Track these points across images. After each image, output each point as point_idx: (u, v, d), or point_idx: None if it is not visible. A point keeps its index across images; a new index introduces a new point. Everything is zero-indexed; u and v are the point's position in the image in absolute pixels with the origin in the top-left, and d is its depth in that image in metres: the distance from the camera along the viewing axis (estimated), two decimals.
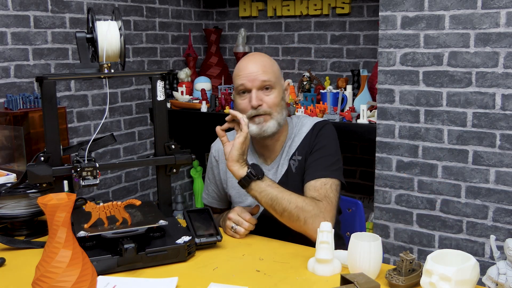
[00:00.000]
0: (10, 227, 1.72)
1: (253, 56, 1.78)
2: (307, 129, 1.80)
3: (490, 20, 2.26)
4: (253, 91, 1.70)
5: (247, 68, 1.72)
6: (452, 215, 2.47)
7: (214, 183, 1.93)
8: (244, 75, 1.71)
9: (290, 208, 1.56)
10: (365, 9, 3.18)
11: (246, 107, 1.71)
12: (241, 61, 1.77)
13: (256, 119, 1.71)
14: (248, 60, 1.76)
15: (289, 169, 1.78)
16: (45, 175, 1.47)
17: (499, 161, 2.32)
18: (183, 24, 3.67)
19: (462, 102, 2.37)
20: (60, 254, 1.08)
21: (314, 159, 1.74)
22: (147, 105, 3.45)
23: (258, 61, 1.74)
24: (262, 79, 1.70)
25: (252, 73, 1.70)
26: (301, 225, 1.58)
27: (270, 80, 1.71)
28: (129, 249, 1.37)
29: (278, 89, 1.74)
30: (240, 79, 1.72)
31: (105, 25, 1.50)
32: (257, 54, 1.81)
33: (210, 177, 1.94)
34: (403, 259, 1.26)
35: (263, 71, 1.71)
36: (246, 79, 1.70)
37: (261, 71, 1.70)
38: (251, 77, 1.70)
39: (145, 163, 1.63)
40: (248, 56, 1.80)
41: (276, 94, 1.73)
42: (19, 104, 2.44)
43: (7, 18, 2.64)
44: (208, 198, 1.97)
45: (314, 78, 3.25)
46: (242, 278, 1.35)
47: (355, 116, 2.74)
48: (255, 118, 1.71)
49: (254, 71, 1.70)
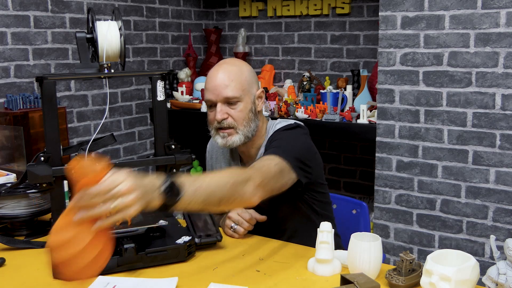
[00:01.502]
0: (10, 227, 1.71)
1: (221, 67, 1.71)
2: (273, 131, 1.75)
3: (490, 20, 2.26)
4: (218, 105, 1.67)
5: (213, 80, 1.68)
6: (452, 215, 2.47)
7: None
8: (209, 89, 1.68)
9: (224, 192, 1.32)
10: (365, 9, 3.18)
11: (212, 120, 1.70)
12: (209, 73, 1.72)
13: (220, 132, 1.69)
14: (215, 71, 1.70)
15: None
16: (45, 175, 1.47)
17: (499, 161, 2.32)
18: (183, 24, 3.67)
19: (462, 102, 2.37)
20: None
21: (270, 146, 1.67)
22: (147, 105, 3.45)
23: (225, 72, 1.68)
24: (225, 95, 1.65)
25: (217, 87, 1.66)
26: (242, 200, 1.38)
27: (234, 96, 1.66)
28: (129, 249, 1.37)
29: (245, 101, 1.69)
30: (207, 92, 1.69)
31: (105, 25, 1.50)
32: (226, 63, 1.73)
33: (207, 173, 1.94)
34: (403, 259, 1.26)
35: (226, 85, 1.66)
36: (211, 93, 1.67)
37: (225, 84, 1.66)
38: (215, 91, 1.66)
39: (145, 163, 1.63)
40: (216, 66, 1.73)
41: (242, 107, 1.68)
42: (19, 104, 2.44)
43: (7, 18, 2.64)
44: None
45: (314, 78, 3.25)
46: (242, 278, 1.35)
47: (355, 116, 2.74)
48: (220, 131, 1.69)
49: (219, 84, 1.66)
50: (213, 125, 1.69)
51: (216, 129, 1.69)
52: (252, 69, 1.76)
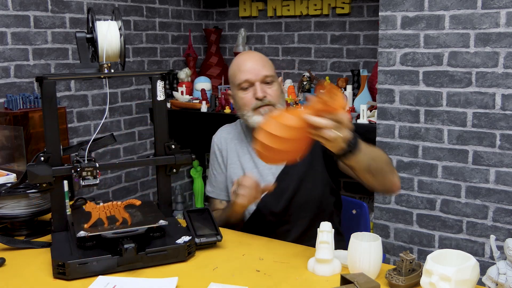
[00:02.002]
0: (10, 227, 1.72)
1: (249, 54, 1.84)
2: None
3: (490, 20, 2.26)
4: (256, 84, 1.75)
5: (247, 63, 1.78)
6: (452, 215, 2.47)
7: (222, 173, 1.92)
8: (246, 70, 1.76)
9: (384, 166, 1.50)
10: (365, 9, 3.18)
11: (250, 101, 1.76)
12: (238, 59, 1.83)
13: (261, 109, 1.75)
14: (246, 57, 1.82)
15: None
16: (45, 175, 1.47)
17: (499, 161, 2.32)
18: (183, 24, 3.67)
19: (462, 102, 2.37)
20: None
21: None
22: (147, 105, 3.45)
23: (256, 57, 1.80)
24: (264, 73, 1.75)
25: (254, 68, 1.76)
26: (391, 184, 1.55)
27: (271, 75, 1.77)
28: (129, 249, 1.37)
29: (277, 81, 1.81)
30: (243, 74, 1.77)
31: (105, 25, 1.50)
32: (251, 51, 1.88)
33: (217, 168, 1.93)
34: (403, 259, 1.26)
35: (262, 65, 1.77)
36: (249, 74, 1.75)
37: (261, 66, 1.77)
38: (254, 71, 1.75)
39: (145, 163, 1.63)
40: (244, 54, 1.86)
41: (276, 87, 1.78)
42: (19, 104, 2.44)
43: (7, 18, 2.64)
44: (216, 190, 1.93)
45: (314, 78, 3.25)
46: (242, 278, 1.35)
47: (355, 116, 2.74)
48: (260, 109, 1.75)
49: (255, 66, 1.76)
50: (250, 106, 1.76)
51: (255, 108, 1.75)
52: None
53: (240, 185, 1.64)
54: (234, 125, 1.96)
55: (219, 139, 1.95)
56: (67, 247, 1.43)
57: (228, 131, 1.94)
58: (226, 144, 1.91)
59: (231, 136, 1.92)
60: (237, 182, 1.65)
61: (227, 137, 1.92)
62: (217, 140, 1.95)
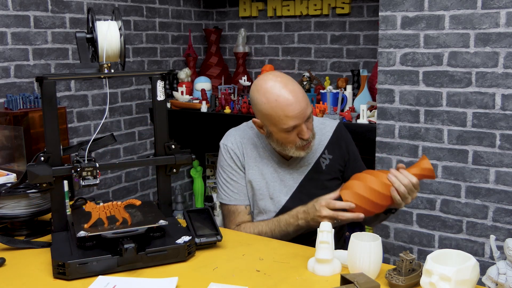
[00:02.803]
0: (10, 227, 1.72)
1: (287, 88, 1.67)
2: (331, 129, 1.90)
3: (490, 20, 2.26)
4: (303, 126, 1.69)
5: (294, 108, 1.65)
6: (452, 215, 2.47)
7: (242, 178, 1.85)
8: (294, 117, 1.66)
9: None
10: (365, 9, 3.18)
11: (294, 140, 1.71)
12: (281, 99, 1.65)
13: (306, 148, 1.75)
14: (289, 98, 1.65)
15: (318, 166, 1.85)
16: (45, 175, 1.47)
17: (499, 161, 2.32)
18: (183, 24, 3.67)
19: (462, 102, 2.37)
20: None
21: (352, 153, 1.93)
22: (147, 105, 3.45)
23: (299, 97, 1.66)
24: (307, 115, 1.69)
25: (301, 112, 1.66)
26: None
27: (311, 113, 1.72)
28: (129, 249, 1.37)
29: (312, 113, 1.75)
30: (291, 120, 1.66)
31: (105, 25, 1.50)
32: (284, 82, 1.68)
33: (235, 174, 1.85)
34: (403, 259, 1.26)
35: (306, 104, 1.68)
36: (298, 120, 1.66)
37: (305, 105, 1.67)
38: (301, 116, 1.66)
39: (145, 163, 1.63)
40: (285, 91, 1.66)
41: (311, 118, 1.74)
42: (19, 104, 2.44)
43: (7, 18, 2.64)
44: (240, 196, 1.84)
45: (314, 78, 3.25)
46: (242, 278, 1.35)
47: (355, 116, 2.74)
48: (305, 147, 1.74)
49: (301, 109, 1.66)
50: (295, 144, 1.72)
51: (300, 147, 1.73)
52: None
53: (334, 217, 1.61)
54: (243, 129, 1.89)
55: (233, 143, 1.85)
56: (67, 247, 1.44)
57: (241, 136, 1.87)
58: (242, 148, 1.85)
59: (245, 140, 1.85)
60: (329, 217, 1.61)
61: (241, 141, 1.85)
62: (231, 145, 1.85)
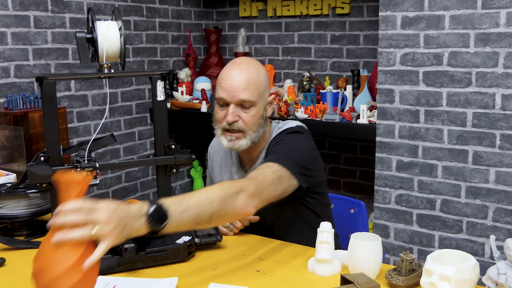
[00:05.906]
0: (10, 227, 1.71)
1: (239, 67, 1.64)
2: (276, 132, 1.72)
3: (490, 20, 2.26)
4: (231, 106, 1.61)
5: (230, 80, 1.61)
6: (452, 215, 2.47)
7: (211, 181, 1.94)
8: (225, 88, 1.61)
9: (214, 208, 1.30)
10: (365, 9, 3.18)
11: (221, 119, 1.64)
12: (227, 68, 1.65)
13: (227, 134, 1.64)
14: (233, 70, 1.63)
15: None
16: (45, 175, 1.47)
17: (499, 161, 2.32)
18: (183, 24, 3.67)
19: (462, 102, 2.37)
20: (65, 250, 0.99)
21: (270, 152, 1.65)
22: (147, 105, 3.45)
23: (243, 73, 1.61)
24: (241, 97, 1.60)
25: (233, 88, 1.60)
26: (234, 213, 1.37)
27: (250, 100, 1.61)
28: (129, 249, 1.37)
29: (258, 106, 1.64)
30: (221, 91, 1.62)
31: (105, 25, 1.50)
32: (244, 63, 1.65)
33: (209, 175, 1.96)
34: (403, 259, 1.26)
35: (245, 87, 1.60)
36: (226, 93, 1.61)
37: (243, 86, 1.60)
38: (231, 92, 1.60)
39: (145, 163, 1.62)
40: (234, 64, 1.66)
41: (254, 112, 1.63)
42: (19, 104, 2.44)
43: (7, 18, 2.64)
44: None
45: (314, 78, 3.25)
46: (242, 278, 1.35)
47: (355, 116, 2.74)
48: (227, 133, 1.64)
49: (236, 85, 1.60)
50: (221, 125, 1.64)
51: (224, 129, 1.65)
52: (267, 73, 1.72)
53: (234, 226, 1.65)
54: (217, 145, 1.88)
55: (211, 148, 1.93)
56: None
57: (216, 142, 1.85)
58: (214, 155, 1.90)
59: (218, 147, 1.85)
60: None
61: (215, 148, 1.89)
62: (210, 148, 1.94)
